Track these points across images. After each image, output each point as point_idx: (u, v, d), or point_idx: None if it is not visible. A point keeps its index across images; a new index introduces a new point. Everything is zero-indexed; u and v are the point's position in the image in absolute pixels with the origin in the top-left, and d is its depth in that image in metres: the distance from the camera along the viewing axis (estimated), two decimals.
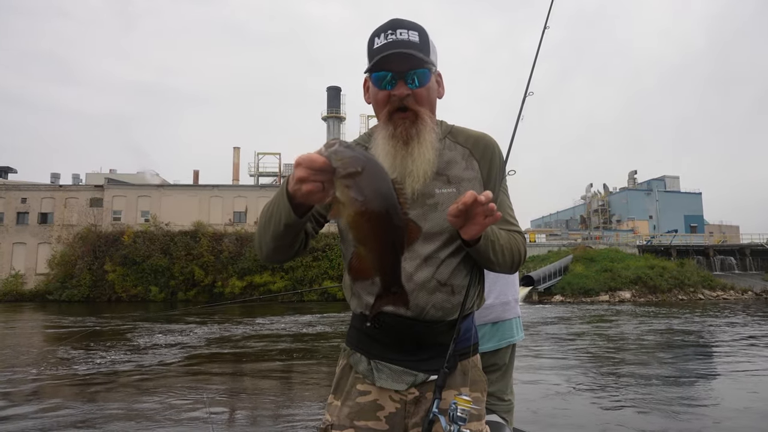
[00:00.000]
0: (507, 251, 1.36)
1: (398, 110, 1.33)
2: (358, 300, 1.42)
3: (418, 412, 1.37)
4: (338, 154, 1.00)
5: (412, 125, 1.32)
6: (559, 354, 11.13)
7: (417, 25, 1.34)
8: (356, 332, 1.46)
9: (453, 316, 1.38)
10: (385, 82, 1.33)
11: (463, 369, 1.41)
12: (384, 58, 1.29)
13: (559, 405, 6.77)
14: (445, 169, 1.39)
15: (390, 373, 1.37)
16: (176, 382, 8.29)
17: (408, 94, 1.32)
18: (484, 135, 1.47)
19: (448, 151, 1.42)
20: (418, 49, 1.31)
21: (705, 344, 12.65)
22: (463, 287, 1.39)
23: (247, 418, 6.25)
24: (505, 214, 1.45)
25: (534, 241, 43.07)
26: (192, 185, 45.55)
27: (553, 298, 31.83)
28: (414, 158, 1.31)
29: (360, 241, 1.05)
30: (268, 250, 1.31)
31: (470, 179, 1.40)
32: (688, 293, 32.56)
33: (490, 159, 1.44)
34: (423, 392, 1.37)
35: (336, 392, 1.45)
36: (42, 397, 7.11)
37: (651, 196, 64.11)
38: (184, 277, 37.42)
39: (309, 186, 1.02)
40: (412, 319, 1.33)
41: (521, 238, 1.43)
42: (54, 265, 38.65)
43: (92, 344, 12.75)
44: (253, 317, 21.11)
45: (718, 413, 6.22)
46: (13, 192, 41.94)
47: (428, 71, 1.34)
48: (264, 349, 12.02)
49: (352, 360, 1.44)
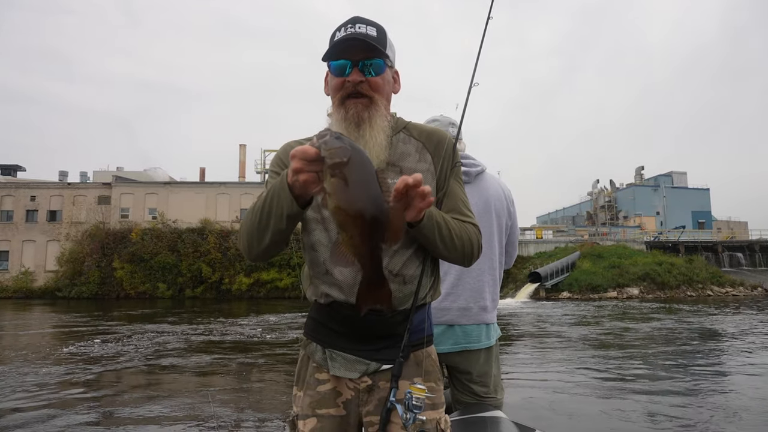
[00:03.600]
0: (457, 238, 1.36)
1: (351, 96, 1.36)
2: (315, 289, 1.44)
3: (371, 401, 1.40)
4: (327, 144, 1.04)
5: (365, 109, 1.35)
6: (566, 350, 11.11)
7: (376, 23, 1.39)
8: (312, 322, 1.48)
9: (405, 305, 1.39)
10: (340, 69, 1.36)
11: (417, 359, 1.42)
12: (341, 48, 1.34)
13: (563, 401, 6.77)
14: (399, 161, 1.42)
15: (343, 361, 1.40)
16: (182, 384, 8.33)
17: (362, 80, 1.35)
18: (437, 129, 1.51)
19: (402, 144, 1.45)
20: (375, 41, 1.35)
21: (716, 340, 12.59)
22: (415, 277, 1.40)
23: (253, 418, 6.26)
24: (458, 204, 1.45)
25: (541, 238, 42.92)
26: (199, 183, 45.73)
27: (561, 294, 31.74)
28: (366, 141, 1.33)
29: (343, 227, 1.08)
30: (263, 247, 1.32)
31: (422, 171, 1.42)
32: (696, 290, 32.37)
33: (443, 152, 1.46)
34: (376, 381, 1.39)
35: (298, 383, 1.48)
36: (47, 399, 7.14)
37: (658, 192, 63.78)
38: (191, 274, 37.64)
39: (304, 176, 1.08)
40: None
41: (474, 229, 1.43)
42: (63, 263, 39.00)
43: (95, 346, 12.83)
44: (247, 317, 21.18)
45: (730, 405, 6.20)
46: (23, 190, 42.28)
47: (383, 62, 1.38)
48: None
49: (309, 350, 1.47)
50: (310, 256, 1.45)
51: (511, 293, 32.66)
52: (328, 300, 1.39)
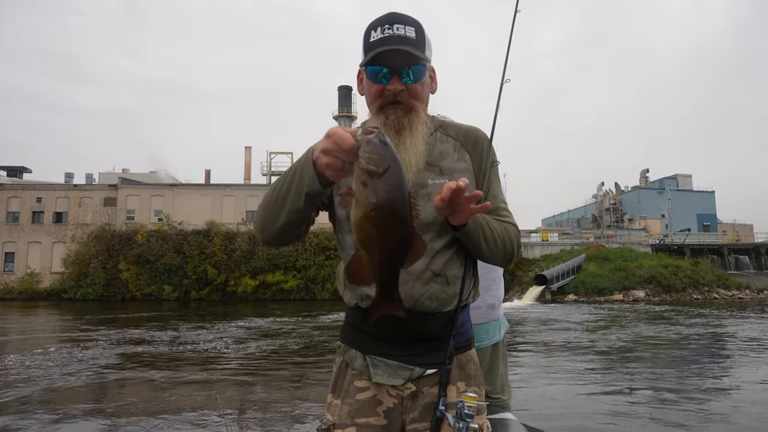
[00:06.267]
0: (499, 240, 1.35)
1: (391, 104, 1.34)
2: (353, 291, 1.40)
3: (416, 408, 1.36)
4: (370, 145, 0.98)
5: (405, 115, 1.33)
6: (572, 352, 11.09)
7: (414, 20, 1.35)
8: (350, 328, 1.44)
9: (448, 307, 1.37)
10: (380, 76, 1.33)
11: (459, 363, 1.40)
12: (380, 54, 1.30)
13: (568, 402, 6.76)
14: (438, 161, 1.40)
15: (386, 368, 1.36)
16: (187, 386, 8.34)
17: (402, 89, 1.32)
18: (474, 128, 1.49)
19: (439, 143, 1.43)
20: (414, 45, 1.31)
21: (723, 343, 12.55)
22: (457, 278, 1.38)
23: (259, 418, 6.26)
24: (498, 205, 1.44)
25: (546, 240, 42.82)
26: (204, 184, 45.80)
27: (567, 297, 31.67)
28: (407, 148, 1.31)
29: (363, 244, 1.04)
30: (277, 226, 1.28)
31: (462, 170, 1.41)
32: (702, 292, 32.27)
33: (481, 150, 1.45)
34: (420, 387, 1.36)
35: (334, 391, 1.44)
36: (53, 402, 7.14)
37: (663, 195, 63.60)
38: (197, 276, 37.64)
39: (330, 159, 1.04)
40: (407, 310, 1.30)
41: (514, 229, 1.41)
42: (69, 264, 39.05)
43: (100, 346, 12.86)
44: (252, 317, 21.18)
45: (736, 406, 6.18)
46: (29, 192, 42.41)
47: (423, 67, 1.35)
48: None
49: (348, 357, 1.43)
50: (347, 256, 1.40)
51: (518, 296, 32.61)
52: (369, 302, 1.32)
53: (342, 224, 1.41)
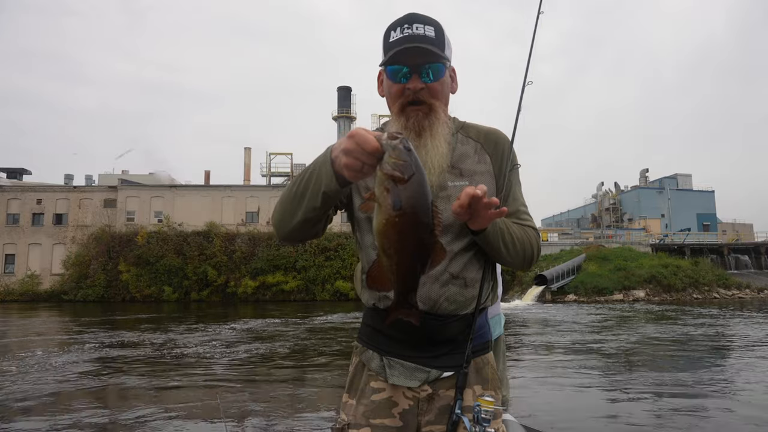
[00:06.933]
0: (519, 243, 1.35)
1: (411, 103, 1.33)
2: (370, 292, 1.40)
3: (432, 410, 1.36)
4: (395, 150, 0.98)
5: (425, 117, 1.33)
6: (572, 352, 11.08)
7: (433, 20, 1.34)
8: (368, 329, 1.44)
9: (466, 310, 1.37)
10: (400, 75, 1.33)
11: (476, 367, 1.40)
12: (399, 52, 1.30)
13: (571, 404, 6.76)
14: (458, 163, 1.39)
15: (402, 369, 1.36)
16: (190, 387, 8.35)
17: (422, 87, 1.32)
18: (495, 130, 1.48)
19: (460, 145, 1.42)
20: (434, 44, 1.31)
21: (723, 343, 12.55)
22: (476, 281, 1.38)
23: (261, 418, 6.27)
24: (518, 208, 1.44)
25: (546, 240, 42.84)
26: (204, 186, 45.82)
27: (567, 297, 31.66)
28: (428, 150, 1.31)
29: (384, 251, 1.04)
30: (294, 224, 1.27)
31: (482, 173, 1.40)
32: (703, 292, 32.28)
33: (501, 153, 1.44)
34: (436, 389, 1.36)
35: (350, 391, 1.44)
36: (56, 404, 7.14)
37: (663, 195, 63.56)
38: (197, 277, 37.65)
39: (350, 160, 1.03)
40: (425, 312, 1.31)
41: (535, 233, 1.40)
42: (69, 266, 39.10)
43: (103, 346, 12.86)
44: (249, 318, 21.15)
45: (736, 406, 6.18)
46: (29, 193, 42.45)
47: (443, 66, 1.34)
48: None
49: (365, 357, 1.43)
50: (366, 256, 1.41)
51: (518, 296, 32.62)
52: (388, 303, 1.32)
53: (361, 224, 1.41)
